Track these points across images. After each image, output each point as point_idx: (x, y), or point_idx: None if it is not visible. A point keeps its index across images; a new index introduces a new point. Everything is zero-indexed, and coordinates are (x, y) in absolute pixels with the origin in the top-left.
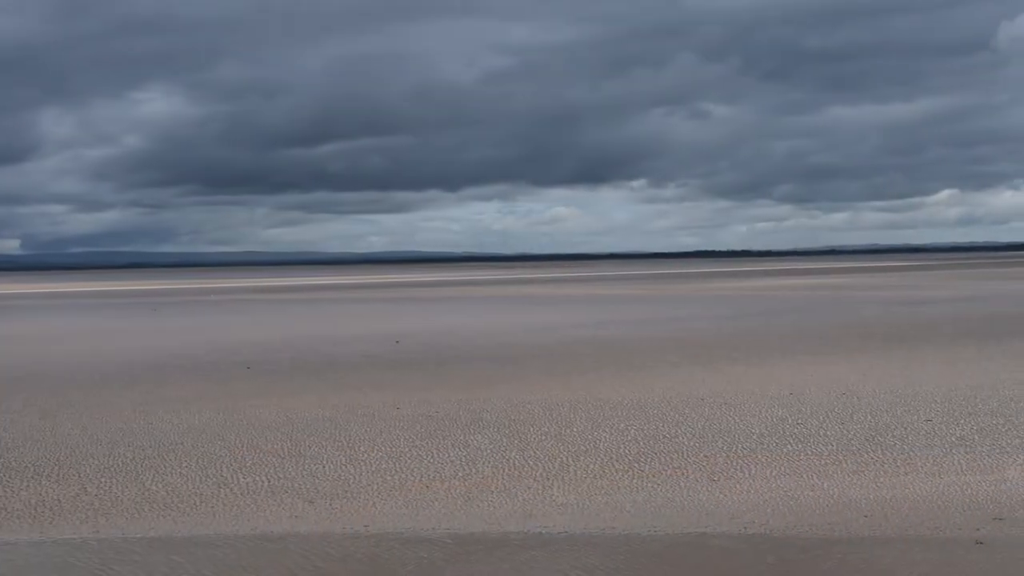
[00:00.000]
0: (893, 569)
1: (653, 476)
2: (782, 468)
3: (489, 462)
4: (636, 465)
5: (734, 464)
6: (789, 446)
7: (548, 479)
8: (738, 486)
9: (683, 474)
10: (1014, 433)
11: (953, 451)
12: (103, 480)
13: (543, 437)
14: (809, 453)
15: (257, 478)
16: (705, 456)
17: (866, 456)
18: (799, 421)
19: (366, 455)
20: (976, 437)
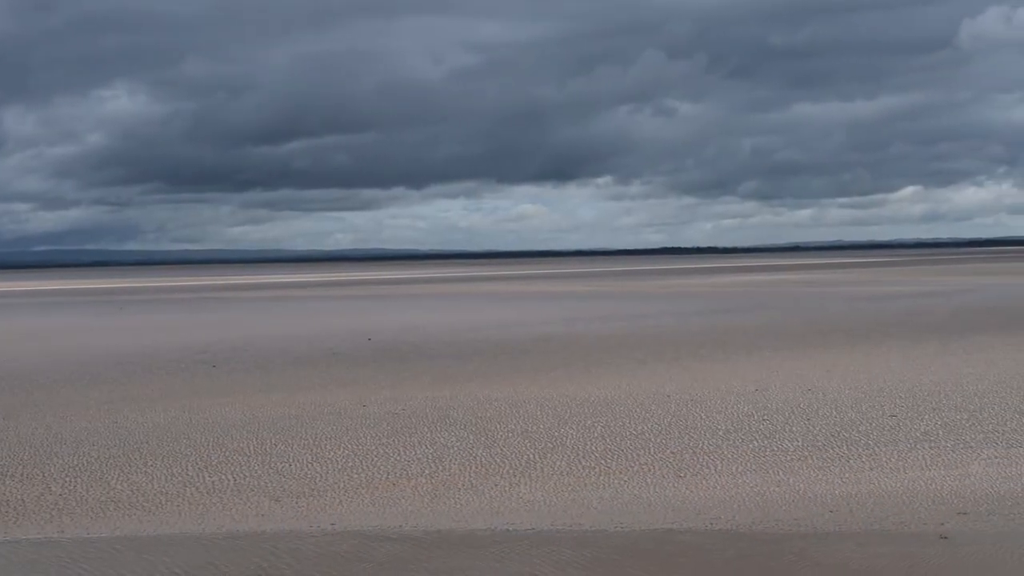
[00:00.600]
0: (858, 564)
1: (620, 473)
2: (748, 464)
3: (456, 459)
4: (603, 462)
5: (700, 460)
6: (754, 442)
7: (515, 476)
8: (704, 482)
9: (649, 470)
10: (978, 428)
11: (917, 446)
12: (68, 479)
13: (510, 434)
14: (774, 449)
15: (223, 477)
16: (671, 452)
17: (831, 452)
18: (764, 417)
19: (332, 453)
20: (940, 432)
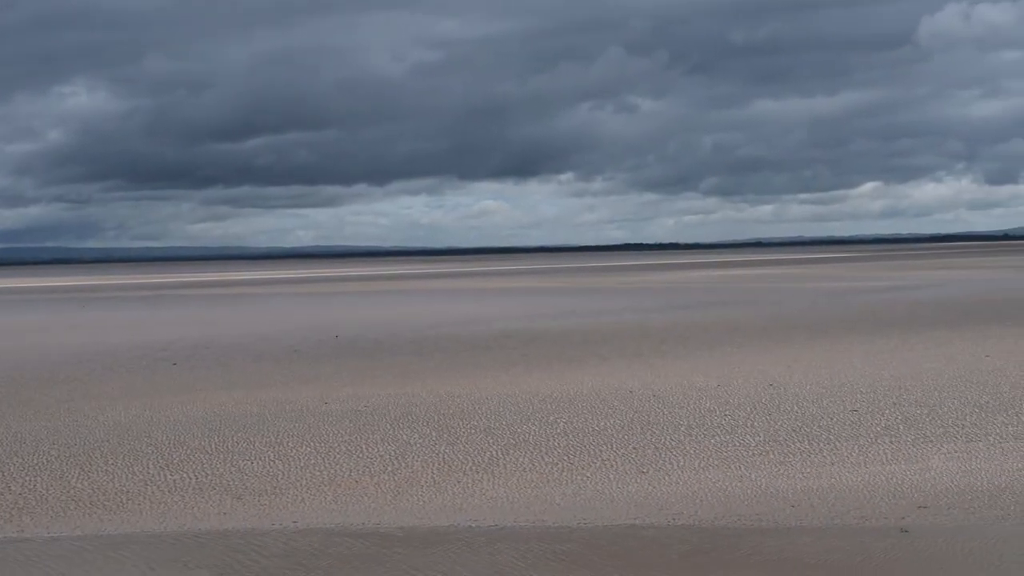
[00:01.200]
0: (819, 558)
1: (582, 469)
2: (710, 459)
3: (418, 456)
4: (566, 458)
5: (662, 456)
6: (717, 437)
7: (478, 473)
8: (667, 477)
9: (612, 466)
10: (937, 422)
11: (878, 441)
12: (27, 479)
13: (472, 431)
14: (736, 444)
15: (184, 475)
16: (634, 448)
17: (793, 446)
18: (726, 412)
19: (295, 451)
20: (901, 427)
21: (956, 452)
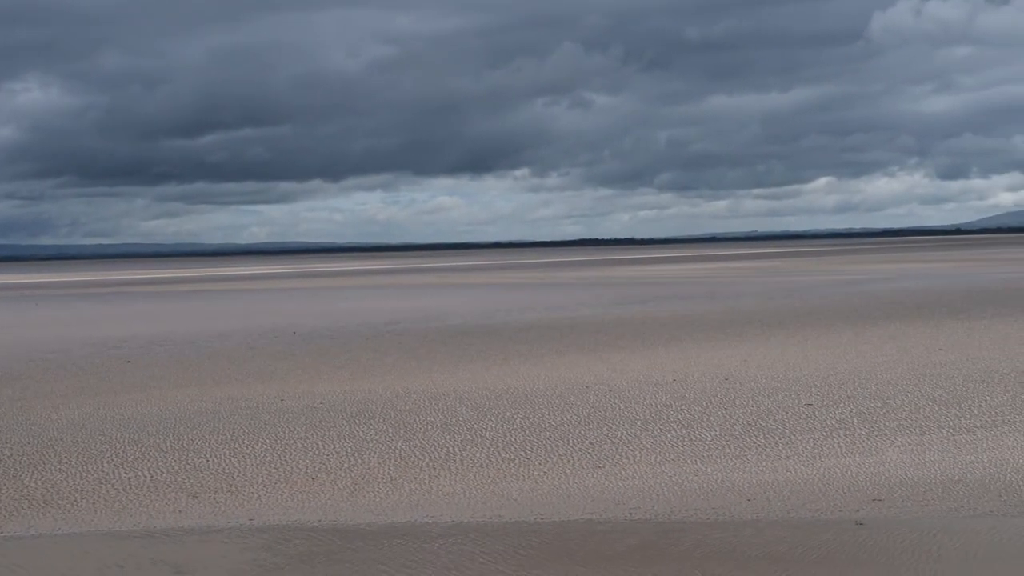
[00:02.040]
0: (776, 551)
1: (539, 464)
2: (666, 454)
3: (375, 453)
4: (522, 453)
5: (619, 451)
6: (673, 432)
7: (435, 469)
8: (623, 472)
9: (569, 461)
10: (892, 416)
11: (833, 434)
12: None
13: (429, 427)
14: (692, 438)
15: (139, 473)
16: (590, 443)
17: (748, 440)
18: (682, 407)
19: (250, 448)
20: (855, 420)
21: (910, 445)
